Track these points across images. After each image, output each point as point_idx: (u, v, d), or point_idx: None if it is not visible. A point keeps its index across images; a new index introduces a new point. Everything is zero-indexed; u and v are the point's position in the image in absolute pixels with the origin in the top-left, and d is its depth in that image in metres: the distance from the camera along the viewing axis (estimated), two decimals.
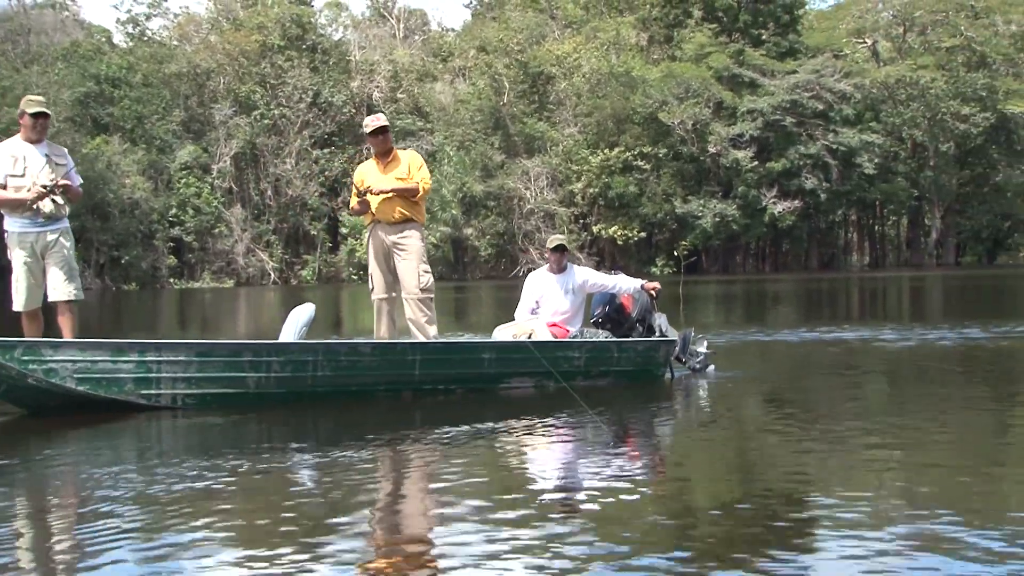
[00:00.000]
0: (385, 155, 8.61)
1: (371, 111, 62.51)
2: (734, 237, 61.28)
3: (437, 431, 6.37)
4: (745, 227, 59.89)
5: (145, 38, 64.53)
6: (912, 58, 68.05)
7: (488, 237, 59.03)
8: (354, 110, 61.10)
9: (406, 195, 8.47)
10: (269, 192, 58.02)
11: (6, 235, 7.90)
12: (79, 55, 56.46)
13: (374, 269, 8.63)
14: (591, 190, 59.07)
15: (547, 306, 9.05)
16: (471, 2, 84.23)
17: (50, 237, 7.90)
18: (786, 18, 65.77)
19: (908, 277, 43.25)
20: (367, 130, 8.56)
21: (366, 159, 8.95)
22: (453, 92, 64.02)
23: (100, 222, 49.32)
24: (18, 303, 7.82)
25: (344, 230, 58.20)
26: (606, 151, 58.67)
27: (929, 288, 31.61)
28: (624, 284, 9.31)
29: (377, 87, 62.53)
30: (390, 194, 8.38)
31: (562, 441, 6.20)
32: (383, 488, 4.86)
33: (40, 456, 5.90)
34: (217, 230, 54.93)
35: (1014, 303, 21.63)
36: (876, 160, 62.55)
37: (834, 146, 60.65)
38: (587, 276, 9.26)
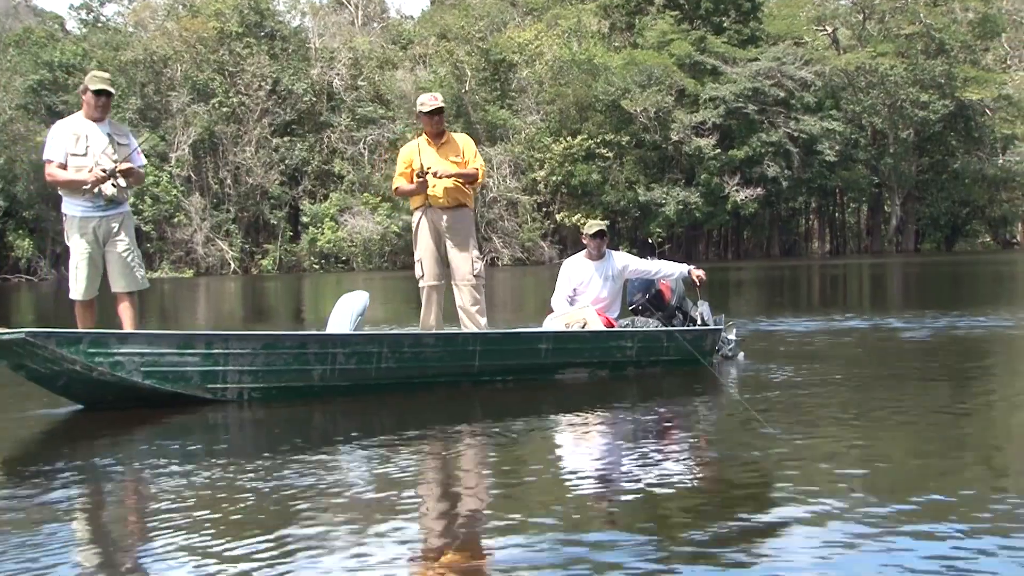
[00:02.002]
0: (438, 136, 8.30)
1: (331, 98, 62.37)
2: (697, 225, 61.44)
3: (508, 422, 6.32)
4: (708, 215, 60.03)
5: (99, 24, 63.79)
6: (872, 45, 68.43)
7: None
8: (314, 98, 60.78)
9: (465, 180, 8.27)
10: (228, 181, 57.59)
11: (65, 219, 7.58)
12: (32, 42, 55.80)
13: (424, 254, 8.32)
14: (554, 178, 58.96)
15: (586, 294, 8.84)
16: None
17: (113, 222, 7.61)
18: (747, 5, 65.82)
19: (869, 264, 43.54)
20: (424, 109, 8.21)
21: (412, 139, 8.65)
22: (414, 80, 63.63)
23: (55, 211, 48.51)
24: (76, 291, 7.52)
25: (305, 219, 57.90)
26: (569, 139, 58.58)
27: (889, 275, 31.80)
28: (668, 269, 9.11)
29: (338, 75, 62.19)
30: (451, 176, 8.13)
31: (611, 433, 6.07)
32: (441, 482, 4.85)
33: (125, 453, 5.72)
34: (176, 219, 54.41)
35: (973, 290, 21.71)
36: (837, 147, 63.00)
37: (795, 133, 60.94)
38: (627, 262, 9.05)
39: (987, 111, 69.88)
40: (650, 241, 49.43)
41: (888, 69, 65.53)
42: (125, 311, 7.67)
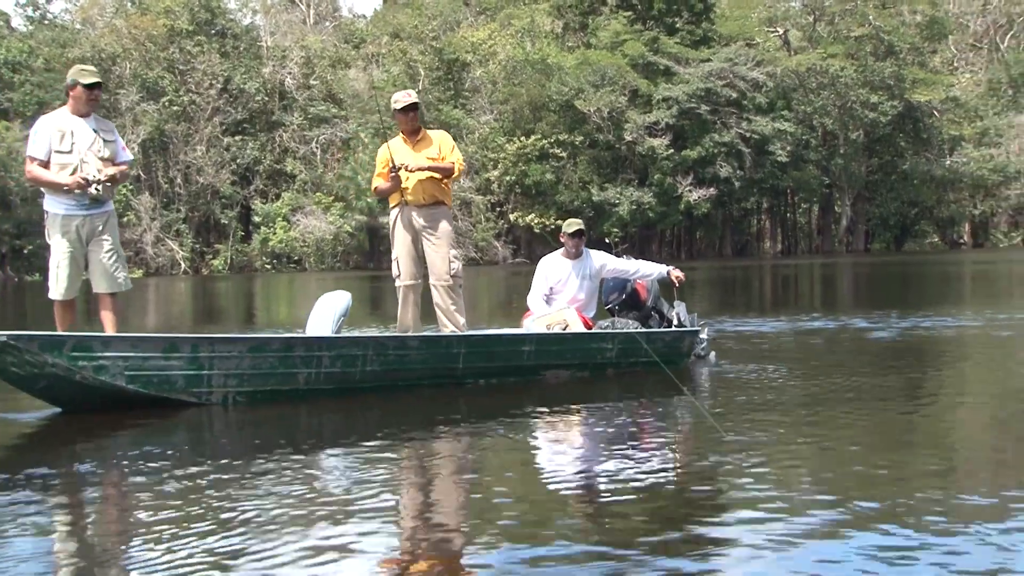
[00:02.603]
0: (414, 133, 8.26)
1: (283, 97, 61.96)
2: (650, 225, 61.65)
3: (489, 425, 6.33)
4: (661, 215, 60.29)
5: (46, 21, 62.84)
6: (822, 47, 69.21)
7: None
8: (266, 97, 60.37)
9: (440, 175, 8.16)
10: (179, 180, 57.05)
11: (47, 216, 7.39)
12: None
13: (400, 254, 8.26)
14: (507, 178, 58.94)
15: (563, 293, 8.82)
16: None
17: (97, 222, 7.43)
18: (700, 6, 66.20)
19: (820, 264, 43.94)
20: (397, 106, 8.15)
21: (392, 137, 8.52)
22: (367, 79, 63.40)
23: (1, 211, 47.89)
24: (56, 291, 7.36)
25: (257, 219, 57.48)
26: (522, 139, 58.59)
27: (843, 276, 32.11)
28: (646, 270, 9.09)
29: (290, 73, 61.81)
30: (424, 173, 8.06)
31: (582, 437, 6.07)
32: (421, 482, 4.85)
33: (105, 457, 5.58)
34: (125, 219, 53.68)
35: (931, 291, 22.02)
36: (788, 148, 63.49)
37: (747, 134, 61.31)
38: (604, 261, 9.00)
39: (935, 113, 70.94)
40: (607, 241, 49.49)
41: (838, 70, 66.32)
42: (108, 315, 7.56)
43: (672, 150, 59.56)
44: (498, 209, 60.63)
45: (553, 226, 59.04)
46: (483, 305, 18.71)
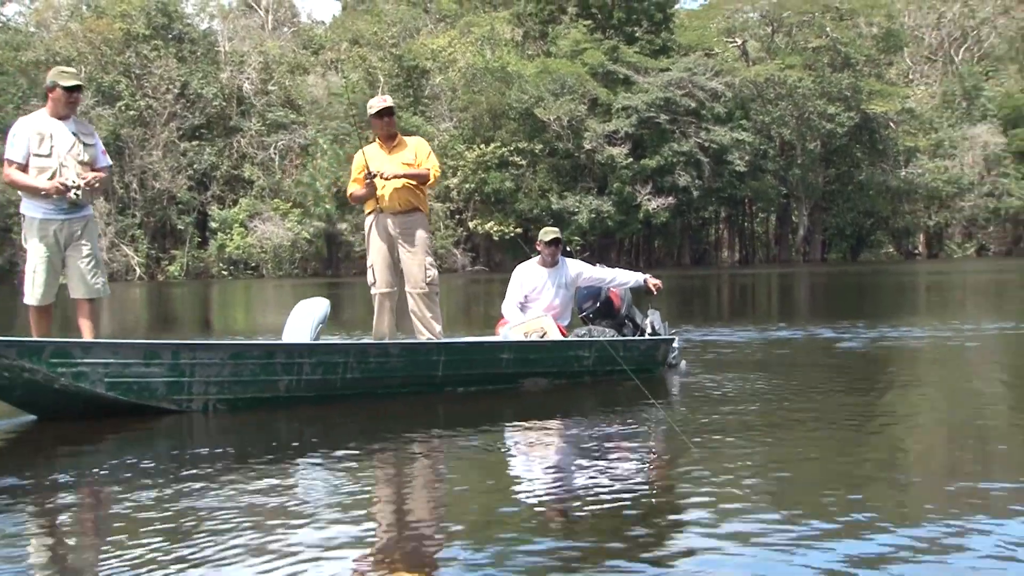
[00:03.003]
0: (390, 139, 8.21)
1: (241, 103, 61.59)
2: (609, 233, 61.81)
3: (468, 435, 6.26)
4: (620, 223, 60.48)
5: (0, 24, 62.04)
6: (780, 58, 69.92)
7: (363, 233, 57.95)
8: (224, 102, 60.00)
9: (415, 182, 8.12)
10: (134, 185, 56.58)
11: (23, 220, 7.28)
12: None
13: (376, 261, 8.18)
14: (467, 186, 58.89)
15: (539, 301, 8.80)
16: None
17: (76, 226, 7.32)
18: (659, 16, 66.66)
19: (778, 274, 44.19)
20: (372, 111, 8.10)
21: (369, 142, 8.49)
22: (326, 85, 63.30)
23: None
24: (32, 297, 7.24)
25: (214, 224, 57.06)
26: (482, 146, 58.57)
27: (800, 285, 32.32)
28: (622, 278, 9.06)
29: (248, 79, 61.52)
30: (400, 180, 8.01)
31: (554, 447, 6.03)
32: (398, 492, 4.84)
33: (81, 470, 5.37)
34: None
35: (882, 301, 22.20)
36: (746, 158, 63.91)
37: (706, 143, 61.62)
38: (580, 269, 8.98)
39: (890, 124, 71.81)
40: (568, 249, 49.50)
41: (796, 81, 66.99)
42: (85, 319, 7.45)
43: (631, 159, 59.84)
44: (457, 217, 60.57)
45: (512, 234, 59.15)
46: (443, 313, 18.56)
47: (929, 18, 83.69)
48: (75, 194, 7.20)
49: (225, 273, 56.12)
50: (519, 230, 59.75)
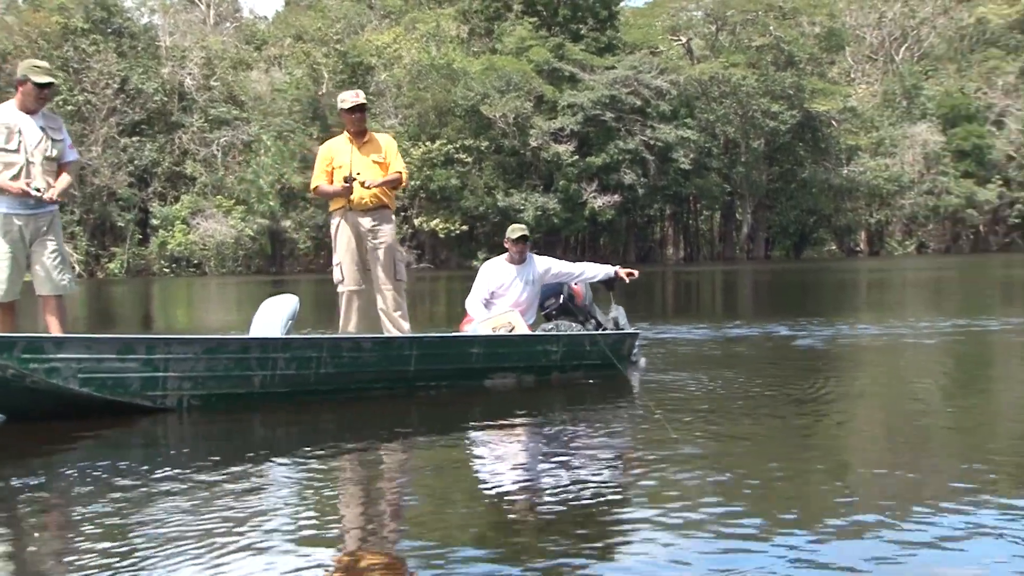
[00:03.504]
0: (360, 135, 8.16)
1: (183, 98, 60.93)
2: (555, 231, 61.85)
3: (438, 432, 6.32)
4: (566, 221, 60.62)
5: None
6: (724, 56, 70.67)
7: (307, 230, 58.33)
8: (165, 98, 59.33)
9: (389, 184, 8.18)
10: (74, 182, 55.59)
11: None
12: None
13: (343, 258, 8.18)
14: (412, 183, 58.59)
15: (505, 297, 8.79)
16: None
17: (41, 222, 7.20)
18: (604, 14, 66.87)
19: (723, 271, 44.58)
20: (345, 106, 8.08)
21: (335, 136, 8.54)
22: (269, 81, 62.96)
23: None
24: None
25: (155, 221, 56.43)
26: (427, 143, 58.43)
27: (744, 282, 32.66)
28: (592, 271, 9.14)
29: (189, 74, 60.89)
30: (371, 178, 7.99)
31: (530, 442, 6.06)
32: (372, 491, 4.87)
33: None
34: None
35: (824, 298, 22.60)
36: (691, 156, 64.25)
37: (651, 141, 61.86)
38: (549, 265, 9.02)
39: (833, 122, 72.84)
40: None
41: (740, 79, 67.62)
42: (52, 316, 7.36)
43: (577, 156, 59.98)
44: (403, 214, 60.26)
45: (458, 231, 59.13)
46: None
47: (870, 18, 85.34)
48: (46, 180, 7.10)
49: (167, 271, 55.49)
50: (465, 227, 59.79)
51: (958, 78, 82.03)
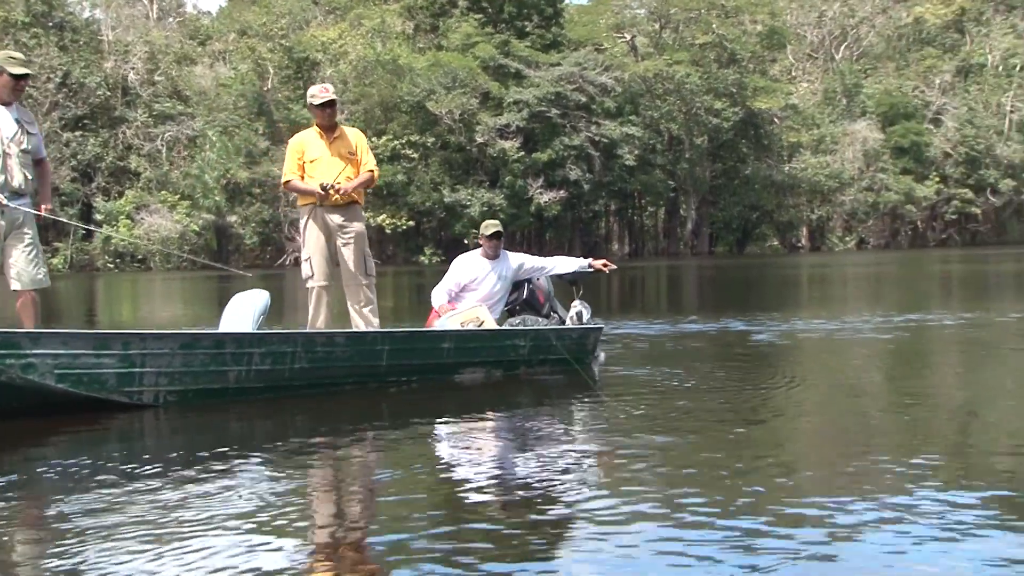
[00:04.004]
0: (331, 129, 8.17)
1: (127, 93, 60.44)
2: (502, 226, 62.08)
3: (410, 426, 6.33)
4: (512, 216, 60.58)
5: None
6: (668, 53, 70.96)
7: (253, 225, 58.18)
8: (108, 92, 58.78)
9: (362, 186, 8.19)
10: None
11: None
12: None
13: (313, 253, 8.18)
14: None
15: (478, 291, 8.80)
16: None
17: (16, 215, 7.09)
18: (549, 11, 67.22)
19: (668, 266, 44.81)
20: (315, 102, 8.08)
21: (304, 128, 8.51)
22: (214, 76, 62.51)
23: None
24: None
25: (99, 216, 55.83)
26: (374, 139, 58.27)
27: (687, 277, 32.90)
28: (564, 265, 9.20)
29: (133, 68, 60.29)
30: (344, 176, 7.98)
31: (489, 436, 6.13)
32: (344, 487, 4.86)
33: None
34: None
35: (765, 294, 22.73)
36: (636, 152, 64.78)
37: (596, 138, 62.38)
38: (522, 260, 9.07)
39: (775, 120, 73.58)
40: (465, 242, 49.61)
41: (684, 77, 68.04)
42: (26, 310, 7.25)
43: (523, 152, 60.30)
44: None
45: (405, 227, 59.19)
46: (338, 306, 18.48)
47: (811, 16, 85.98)
48: (23, 172, 7.11)
49: (111, 266, 54.94)
50: (411, 223, 59.89)
51: (896, 76, 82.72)
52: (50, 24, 57.83)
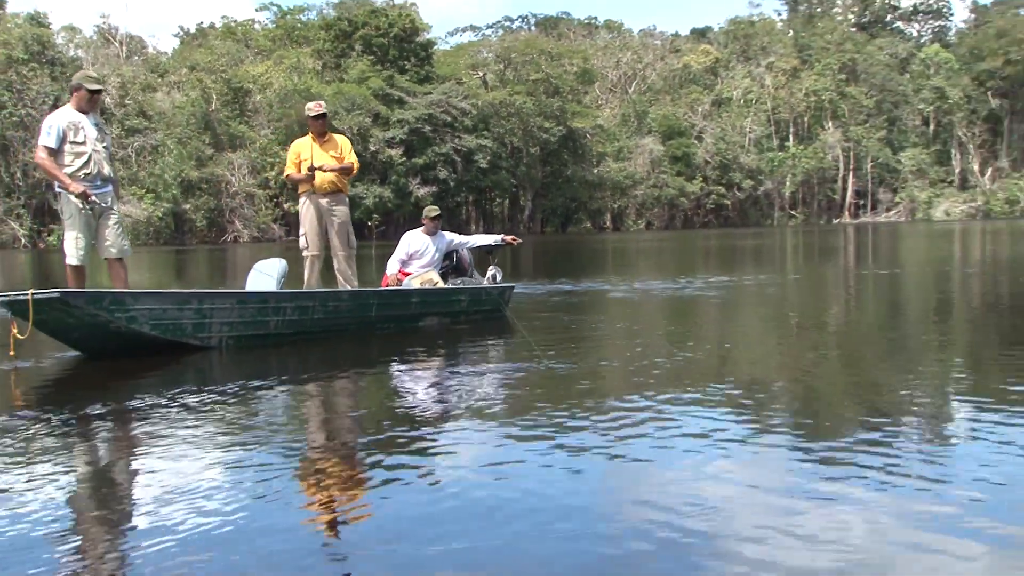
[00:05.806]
0: (322, 136, 7.90)
1: (104, 113, 60.02)
2: (388, 213, 61.15)
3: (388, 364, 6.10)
4: (397, 206, 60.88)
5: None
6: (510, 86, 71.00)
7: (202, 212, 57.75)
8: None
9: (343, 173, 7.90)
10: (19, 175, 54.97)
11: (61, 195, 6.59)
12: None
13: (309, 230, 7.85)
14: (281, 177, 58.36)
15: (421, 260, 8.57)
16: (180, 32, 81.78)
17: (108, 198, 6.74)
18: (423, 54, 67.24)
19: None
20: (311, 114, 7.82)
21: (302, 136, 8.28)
22: (171, 100, 62.47)
23: None
24: (75, 257, 6.57)
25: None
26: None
27: (528, 251, 30.58)
28: (482, 240, 9.05)
29: (108, 95, 59.88)
30: (332, 170, 7.78)
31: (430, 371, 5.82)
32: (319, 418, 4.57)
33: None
34: None
35: (582, 262, 22.27)
36: (488, 158, 64.83)
37: (459, 148, 62.56)
38: (453, 237, 8.91)
39: (587, 135, 73.32)
40: (368, 224, 51.02)
41: (521, 103, 68.13)
42: (117, 276, 6.80)
43: (405, 158, 60.37)
44: (275, 200, 60.36)
45: None
46: (292, 276, 15.03)
47: (611, 61, 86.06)
48: (108, 163, 6.76)
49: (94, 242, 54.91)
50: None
51: (672, 105, 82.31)
52: (44, 59, 57.38)
